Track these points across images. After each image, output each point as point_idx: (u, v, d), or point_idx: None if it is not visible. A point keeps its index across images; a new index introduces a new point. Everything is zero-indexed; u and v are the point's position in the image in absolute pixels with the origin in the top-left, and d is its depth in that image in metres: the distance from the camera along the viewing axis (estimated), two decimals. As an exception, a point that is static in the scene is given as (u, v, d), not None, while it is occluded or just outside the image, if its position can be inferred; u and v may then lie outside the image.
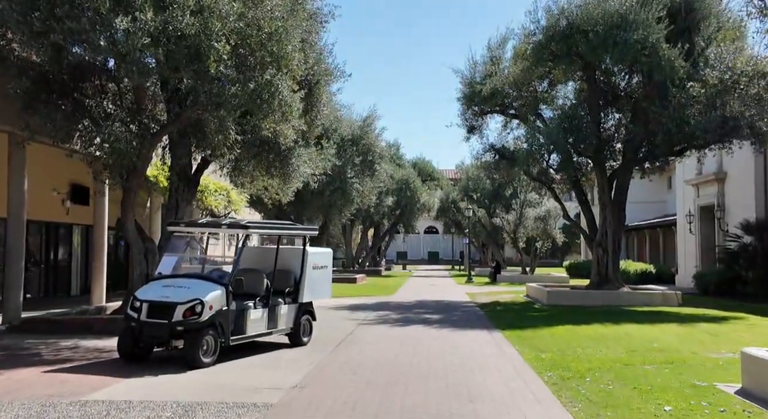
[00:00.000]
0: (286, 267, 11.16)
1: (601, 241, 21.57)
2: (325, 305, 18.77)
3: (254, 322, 9.92)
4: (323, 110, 16.30)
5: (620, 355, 10.40)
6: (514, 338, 12.59)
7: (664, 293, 20.14)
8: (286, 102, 12.34)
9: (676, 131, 18.12)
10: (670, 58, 17.59)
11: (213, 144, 13.35)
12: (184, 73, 11.34)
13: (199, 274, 9.49)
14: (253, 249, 12.60)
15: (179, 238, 10.15)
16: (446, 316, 17.05)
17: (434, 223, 66.30)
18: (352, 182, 30.41)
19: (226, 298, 9.21)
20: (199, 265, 10.55)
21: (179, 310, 8.79)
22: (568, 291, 21.66)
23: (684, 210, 30.39)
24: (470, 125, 24.42)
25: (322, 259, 11.68)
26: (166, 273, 9.63)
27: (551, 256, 56.24)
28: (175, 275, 9.56)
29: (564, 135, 19.80)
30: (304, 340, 11.26)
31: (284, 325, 10.77)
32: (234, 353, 9.85)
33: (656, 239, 40.37)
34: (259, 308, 10.09)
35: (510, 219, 38.99)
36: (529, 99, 22.57)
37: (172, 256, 9.91)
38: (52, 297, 19.07)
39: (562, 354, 10.62)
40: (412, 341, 12.18)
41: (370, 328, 14.14)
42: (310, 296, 11.28)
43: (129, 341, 9.02)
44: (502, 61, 23.73)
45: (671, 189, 39.71)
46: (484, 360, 10.08)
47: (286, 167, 15.93)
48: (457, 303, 21.37)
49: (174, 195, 15.33)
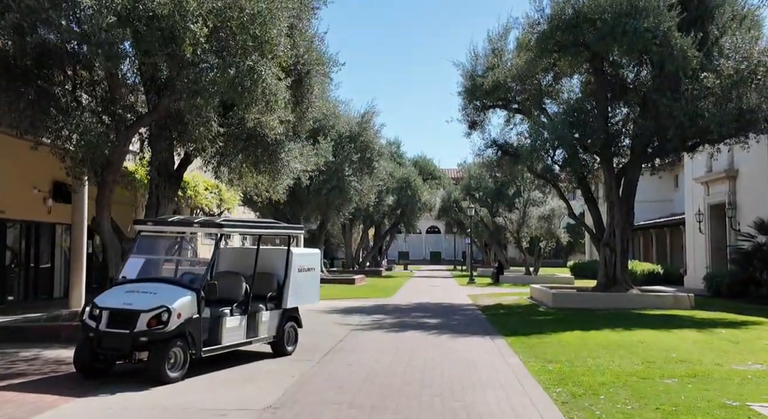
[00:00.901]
0: (269, 270, 10.20)
1: (609, 240, 20.57)
2: (317, 308, 17.81)
3: (231, 331, 8.96)
4: (315, 101, 15.33)
5: (636, 367, 9.42)
6: (518, 345, 11.62)
7: (675, 296, 19.14)
8: (271, 91, 11.39)
9: (689, 125, 17.11)
10: (682, 48, 16.61)
11: (194, 137, 12.42)
12: (157, 57, 10.41)
13: (168, 278, 8.53)
14: (234, 250, 11.64)
15: (149, 238, 9.18)
16: (445, 320, 16.08)
17: (436, 223, 65.37)
18: (350, 180, 29.47)
19: (197, 304, 8.25)
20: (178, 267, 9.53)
21: (143, 319, 7.83)
22: (574, 293, 20.67)
23: (693, 209, 29.40)
24: (472, 120, 23.47)
25: (308, 261, 10.72)
26: (132, 277, 8.67)
27: (554, 256, 55.29)
28: (141, 279, 8.59)
29: (570, 130, 18.84)
30: (288, 349, 10.30)
31: (266, 333, 9.81)
32: (209, 365, 8.90)
33: (663, 239, 39.40)
34: (237, 315, 9.13)
35: (513, 218, 37.98)
36: (533, 93, 21.59)
37: (138, 258, 8.94)
38: (33, 300, 18.18)
39: (572, 364, 9.64)
40: (407, 349, 11.21)
41: (364, 334, 13.18)
42: (295, 301, 10.32)
43: (87, 353, 8.04)
44: (504, 54, 22.79)
45: (678, 188, 38.82)
46: (486, 373, 9.11)
47: (275, 162, 14.96)
48: (457, 306, 20.40)
49: (155, 192, 14.39)
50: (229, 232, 8.95)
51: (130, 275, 8.71)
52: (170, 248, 9.16)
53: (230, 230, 8.93)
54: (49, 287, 19.57)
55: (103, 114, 12.01)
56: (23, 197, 17.01)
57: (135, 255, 8.98)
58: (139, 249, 9.07)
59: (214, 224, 8.73)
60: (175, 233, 9.05)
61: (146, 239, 9.18)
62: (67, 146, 11.12)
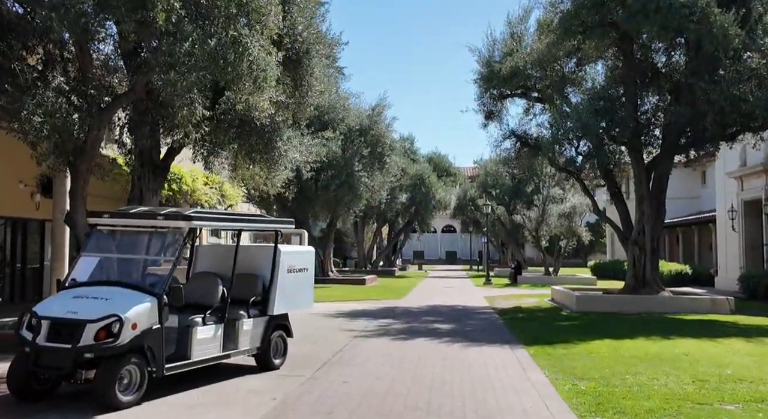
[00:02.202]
0: (252, 270, 8.81)
1: (638, 239, 18.94)
2: (320, 311, 16.42)
3: (203, 343, 7.56)
4: (316, 85, 13.89)
5: (687, 387, 7.88)
6: (542, 357, 10.13)
7: (713, 299, 17.46)
8: (259, 66, 10.00)
9: (729, 110, 15.44)
10: (722, 25, 14.94)
11: (176, 121, 11.05)
12: (124, 25, 9.06)
13: (125, 281, 7.14)
14: (216, 248, 10.26)
15: (107, 233, 7.79)
16: (459, 326, 14.60)
17: (451, 221, 63.77)
18: (360, 176, 28.02)
19: (158, 312, 6.87)
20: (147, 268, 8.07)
21: (89, 330, 6.45)
22: (599, 296, 19.06)
23: (725, 205, 27.59)
24: (488, 110, 21.92)
25: (300, 260, 9.30)
26: (82, 280, 7.29)
27: (573, 256, 53.38)
28: (93, 282, 7.21)
29: (596, 118, 17.24)
30: (275, 362, 8.89)
31: (248, 344, 8.40)
32: (176, 384, 7.52)
33: (690, 237, 37.54)
34: (211, 323, 7.73)
35: (532, 216, 36.29)
36: (555, 80, 20.01)
37: (91, 257, 7.58)
38: (21, 301, 17.00)
39: (608, 383, 8.13)
40: (413, 361, 9.76)
41: (367, 343, 11.74)
42: (283, 306, 8.91)
43: (22, 372, 6.66)
44: (524, 38, 21.24)
45: (706, 184, 36.99)
46: (505, 394, 7.63)
47: (271, 151, 13.58)
48: (473, 309, 18.89)
49: (137, 184, 13.08)
50: (200, 226, 7.56)
51: (80, 277, 7.31)
52: (137, 246, 7.79)
53: (201, 224, 7.53)
54: (38, 288, 18.41)
55: (72, 94, 10.67)
56: (9, 193, 15.85)
57: (88, 254, 7.60)
58: (93, 247, 7.68)
59: (181, 217, 7.32)
60: (143, 228, 7.67)
61: (103, 235, 7.79)
62: (27, 127, 9.80)
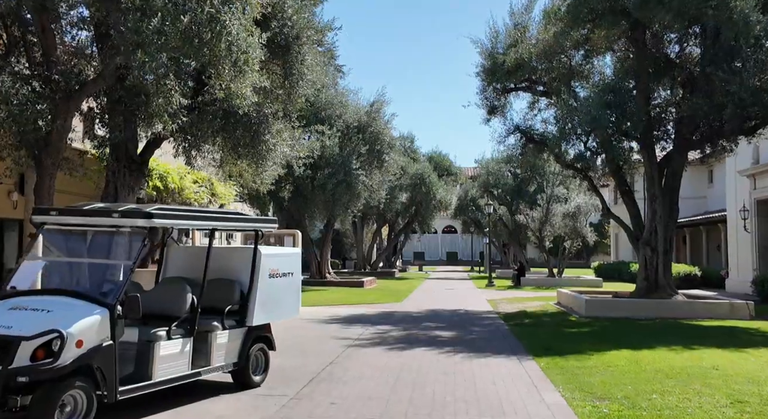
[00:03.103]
0: (229, 275, 7.78)
1: (650, 239, 17.91)
2: (313, 317, 15.40)
3: (167, 360, 6.54)
4: (307, 74, 12.89)
5: (726, 411, 6.84)
6: (554, 371, 9.10)
7: (732, 303, 16.42)
8: (240, 47, 9.00)
9: (751, 102, 14.44)
10: (743, 11, 13.94)
11: (150, 109, 10.06)
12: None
13: (72, 290, 6.11)
14: (187, 250, 9.22)
15: (58, 233, 6.74)
16: (462, 333, 13.57)
17: (452, 222, 62.78)
18: (358, 174, 26.97)
19: (110, 326, 5.85)
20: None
21: (24, 349, 5.43)
22: (610, 300, 18.03)
23: (737, 205, 26.52)
24: (491, 104, 20.91)
25: (284, 263, 8.28)
26: (24, 288, 6.27)
27: (575, 257, 52.32)
28: (35, 291, 6.19)
29: (606, 111, 16.23)
30: (255, 380, 7.87)
31: (223, 360, 7.37)
32: (133, 409, 6.49)
33: (698, 238, 36.49)
34: (178, 337, 6.70)
35: (535, 216, 35.25)
36: (562, 72, 18.97)
37: (36, 261, 6.56)
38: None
39: (633, 405, 7.11)
40: (411, 377, 8.73)
41: (361, 353, 10.72)
42: (264, 316, 7.89)
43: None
44: (529, 29, 20.20)
45: (712, 183, 35.96)
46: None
47: (258, 145, 12.60)
48: (476, 314, 17.85)
49: (112, 180, 12.08)
50: (163, 224, 6.54)
51: (21, 284, 6.28)
52: (89, 248, 6.77)
53: (164, 222, 6.49)
54: (16, 292, 17.39)
55: (34, 80, 9.67)
56: (-19, 190, 14.84)
57: (31, 258, 6.57)
58: (38, 249, 6.66)
59: (140, 214, 6.30)
60: (97, 227, 6.65)
61: (51, 236, 6.75)
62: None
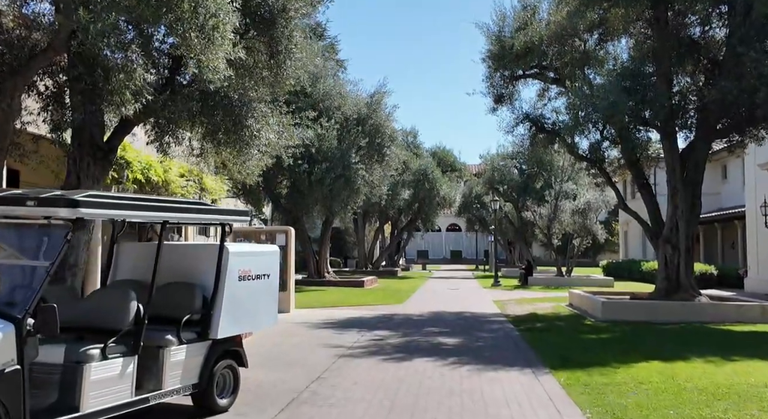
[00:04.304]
0: (188, 278, 6.47)
1: (671, 236, 16.54)
2: (305, 320, 14.10)
3: (102, 385, 5.22)
4: (296, 52, 11.53)
5: (801, 448, 5.52)
6: (578, 390, 7.77)
7: (763, 306, 15.04)
8: (208, 10, 7.67)
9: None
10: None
11: (109, 86, 8.73)
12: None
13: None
14: (140, 247, 7.89)
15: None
16: (468, 340, 12.24)
17: (456, 220, 61.35)
18: (358, 169, 25.62)
19: (15, 345, 4.54)
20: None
21: None
22: (628, 302, 16.67)
23: (757, 201, 25.16)
24: (498, 92, 19.56)
25: (258, 263, 6.95)
26: None
27: (582, 255, 50.90)
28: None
29: (625, 97, 14.88)
30: (221, 404, 6.54)
31: (179, 381, 6.05)
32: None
33: (712, 236, 35.07)
34: (116, 356, 5.39)
35: (543, 213, 33.87)
36: (575, 57, 17.60)
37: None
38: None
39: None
40: (410, 399, 7.40)
41: (353, 365, 9.40)
42: (233, 326, 6.56)
43: None
44: (539, 10, 18.87)
45: (726, 179, 34.58)
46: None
47: (241, 130, 11.24)
48: (483, 317, 16.51)
49: (74, 170, 10.74)
50: (94, 215, 5.22)
51: None
52: (6, 245, 5.46)
53: (94, 213, 5.15)
54: None
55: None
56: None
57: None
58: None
59: (63, 202, 4.95)
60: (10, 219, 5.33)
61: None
62: None
